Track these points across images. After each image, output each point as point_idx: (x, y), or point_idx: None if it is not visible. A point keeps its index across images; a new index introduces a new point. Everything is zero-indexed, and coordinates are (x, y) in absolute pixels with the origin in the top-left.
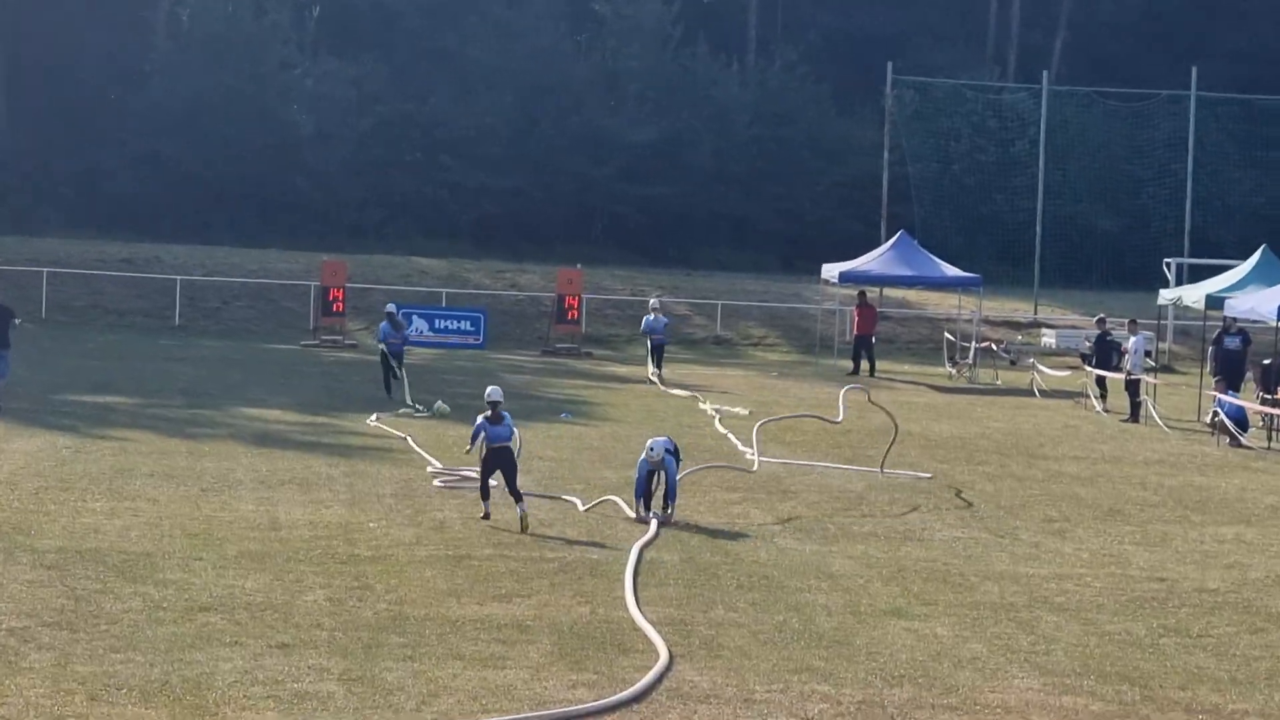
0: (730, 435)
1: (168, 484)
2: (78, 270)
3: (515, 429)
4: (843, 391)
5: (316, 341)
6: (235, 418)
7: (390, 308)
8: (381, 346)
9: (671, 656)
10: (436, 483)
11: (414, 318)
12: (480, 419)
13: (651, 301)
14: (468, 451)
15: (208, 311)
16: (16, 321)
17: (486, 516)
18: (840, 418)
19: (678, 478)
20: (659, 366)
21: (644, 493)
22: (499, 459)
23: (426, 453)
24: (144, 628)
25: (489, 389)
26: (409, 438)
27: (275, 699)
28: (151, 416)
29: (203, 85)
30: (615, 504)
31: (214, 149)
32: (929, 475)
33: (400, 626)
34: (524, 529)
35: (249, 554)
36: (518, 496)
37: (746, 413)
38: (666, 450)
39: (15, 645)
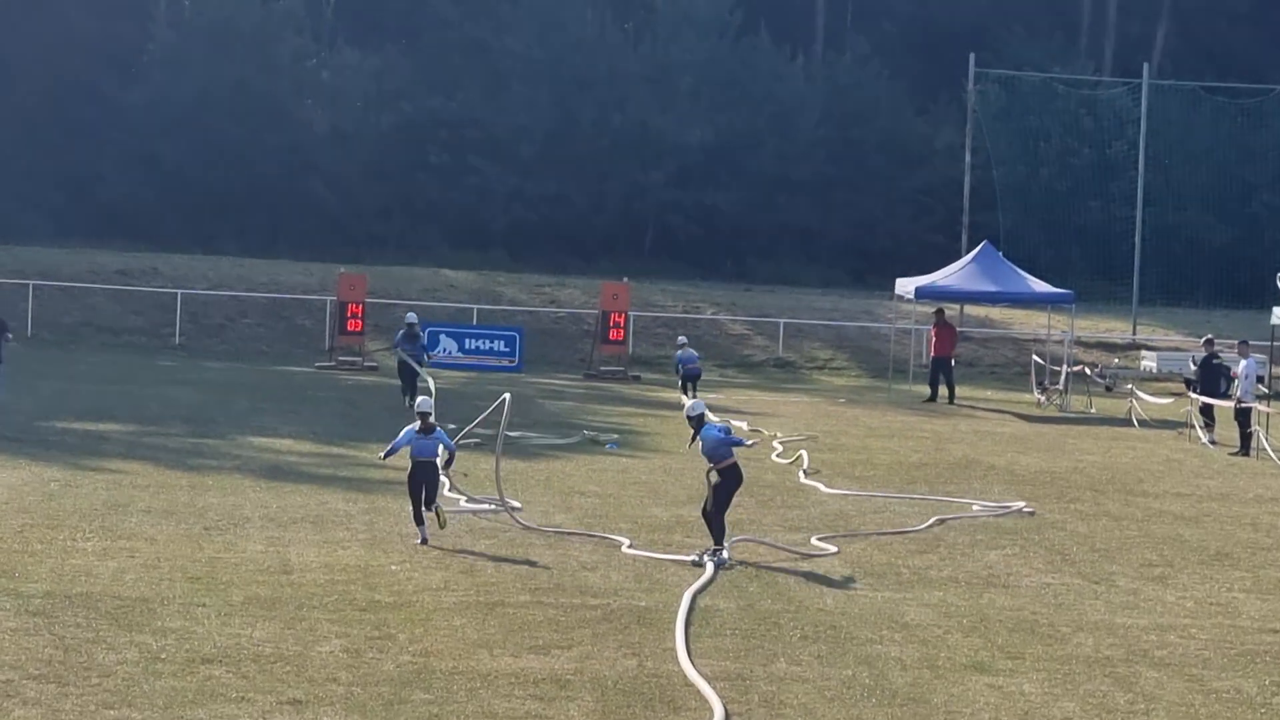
0: (804, 467)
1: (167, 521)
2: (67, 283)
3: (446, 444)
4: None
5: (332, 363)
6: (242, 448)
7: (410, 318)
8: (399, 354)
9: (728, 715)
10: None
11: (441, 337)
12: (408, 430)
13: (680, 339)
14: (383, 458)
15: (211, 329)
16: (9, 336)
17: (424, 541)
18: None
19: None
20: (695, 393)
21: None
22: (424, 474)
23: (455, 490)
24: (140, 681)
25: (419, 399)
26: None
27: None
28: (149, 446)
29: (207, 79)
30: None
31: (219, 149)
32: (1031, 510)
33: (425, 681)
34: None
35: (257, 600)
36: (430, 509)
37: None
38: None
39: None
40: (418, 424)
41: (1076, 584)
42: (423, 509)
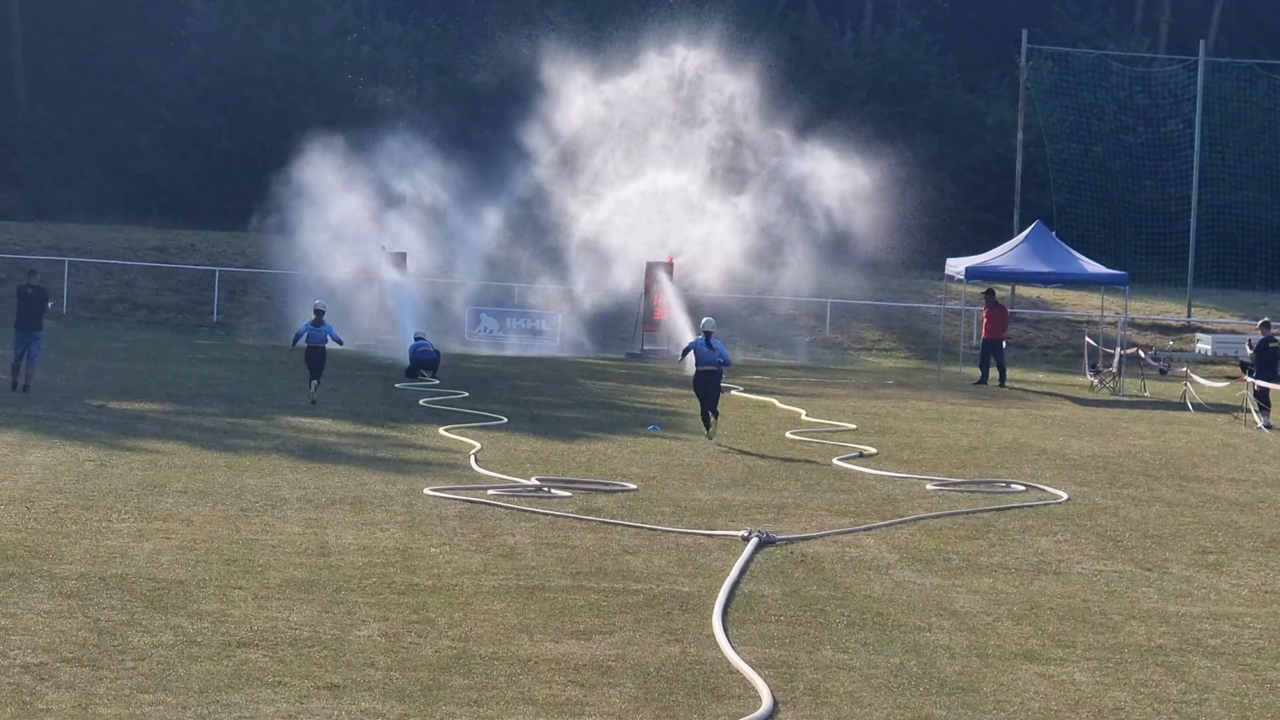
0: (856, 465)
1: (203, 502)
2: (103, 260)
3: (334, 334)
4: None
5: (374, 342)
6: (280, 428)
7: (416, 333)
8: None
9: (776, 704)
10: (427, 491)
11: (483, 316)
12: (305, 323)
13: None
14: (291, 349)
15: (250, 307)
16: (49, 305)
17: (314, 403)
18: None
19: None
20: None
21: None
22: (315, 356)
23: (489, 469)
24: (176, 665)
25: (316, 301)
26: (474, 455)
27: None
28: (186, 426)
29: (246, 53)
30: (709, 532)
31: (258, 124)
32: (1065, 497)
33: (464, 666)
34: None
35: (294, 582)
36: (318, 381)
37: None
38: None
39: (31, 684)
40: (314, 317)
41: (1129, 571)
42: (315, 380)
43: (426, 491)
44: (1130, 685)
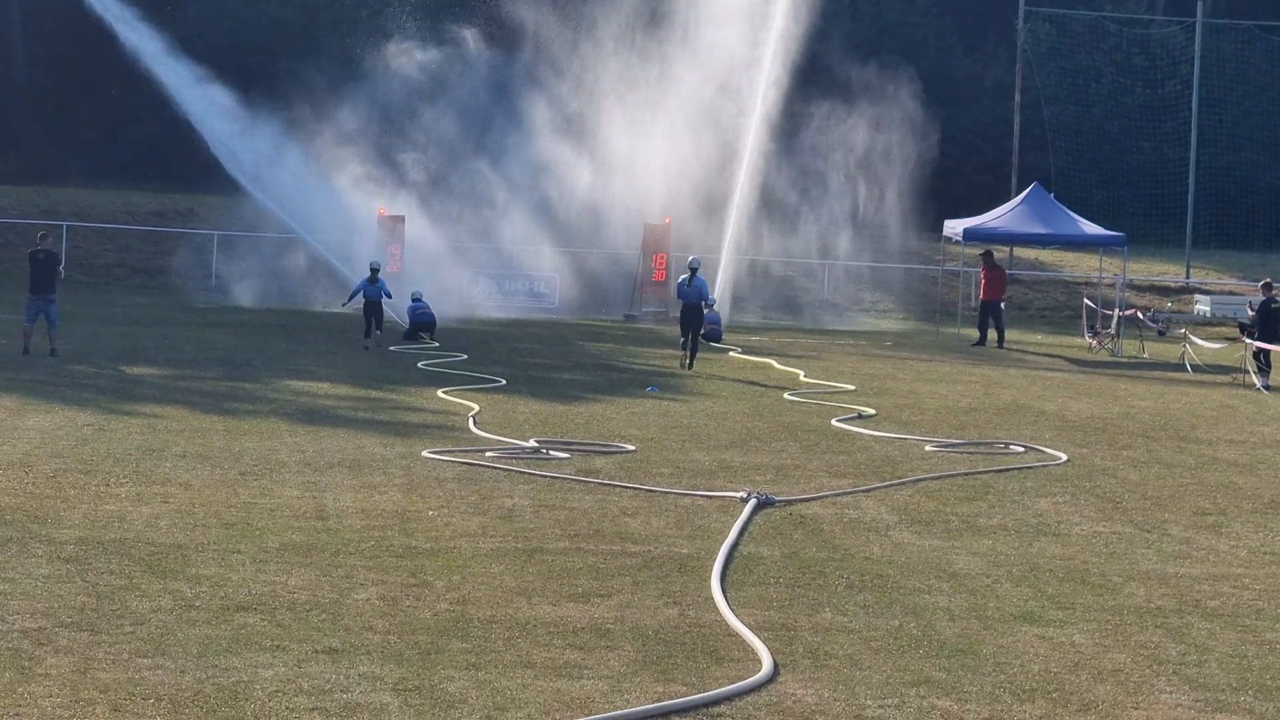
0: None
1: (202, 466)
2: (101, 224)
3: (385, 290)
4: None
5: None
6: (279, 391)
7: (414, 294)
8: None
9: (777, 666)
10: (426, 454)
11: (481, 278)
12: (361, 280)
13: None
14: (344, 305)
15: (248, 271)
16: (61, 272)
17: (366, 349)
18: None
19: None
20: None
21: None
22: (373, 309)
23: (487, 431)
24: (174, 629)
25: (372, 260)
26: (472, 417)
27: (321, 711)
28: (184, 390)
29: (243, 16)
30: (707, 493)
31: (256, 89)
32: (1064, 458)
33: (463, 629)
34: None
35: (293, 546)
36: (379, 331)
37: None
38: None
39: (30, 649)
40: (369, 274)
41: (1128, 532)
42: (372, 332)
43: (425, 454)
44: (1130, 647)
